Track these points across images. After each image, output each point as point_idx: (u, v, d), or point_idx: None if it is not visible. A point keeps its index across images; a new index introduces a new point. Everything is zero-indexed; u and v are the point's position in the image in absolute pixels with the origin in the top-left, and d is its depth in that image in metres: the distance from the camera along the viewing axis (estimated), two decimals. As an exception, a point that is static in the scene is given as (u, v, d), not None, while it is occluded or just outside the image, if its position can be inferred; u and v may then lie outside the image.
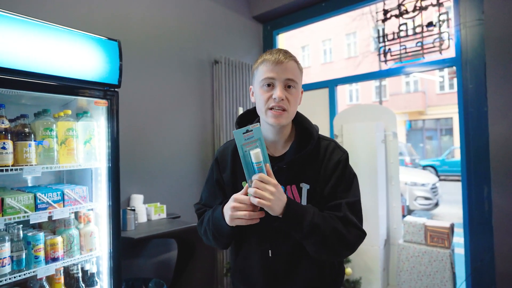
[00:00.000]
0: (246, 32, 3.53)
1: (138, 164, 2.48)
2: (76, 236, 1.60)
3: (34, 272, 1.41)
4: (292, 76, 0.97)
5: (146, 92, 2.57)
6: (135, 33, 2.51)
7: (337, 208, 0.96)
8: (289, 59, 0.98)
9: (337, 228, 0.91)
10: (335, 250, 0.92)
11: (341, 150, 1.03)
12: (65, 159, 1.57)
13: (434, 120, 16.01)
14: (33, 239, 1.43)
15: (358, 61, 15.08)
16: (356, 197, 0.99)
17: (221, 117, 3.04)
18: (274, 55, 0.98)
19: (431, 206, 6.48)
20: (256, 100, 1.03)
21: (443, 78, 14.86)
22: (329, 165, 1.00)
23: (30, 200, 1.43)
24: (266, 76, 0.97)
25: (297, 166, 1.00)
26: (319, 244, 0.91)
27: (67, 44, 1.52)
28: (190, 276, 2.49)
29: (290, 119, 1.01)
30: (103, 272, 1.72)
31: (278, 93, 0.95)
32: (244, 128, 0.88)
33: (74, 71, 1.55)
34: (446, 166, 11.91)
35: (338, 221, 0.93)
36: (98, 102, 1.64)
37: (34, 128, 1.51)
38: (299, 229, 0.89)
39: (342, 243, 0.92)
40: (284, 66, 0.96)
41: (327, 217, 0.93)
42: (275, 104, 0.95)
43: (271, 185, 0.87)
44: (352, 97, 16.78)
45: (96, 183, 1.75)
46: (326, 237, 0.90)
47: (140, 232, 2.11)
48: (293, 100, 0.98)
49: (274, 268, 1.00)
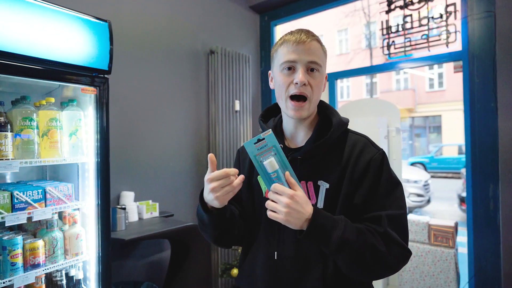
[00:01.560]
0: (243, 22, 3.37)
1: (128, 159, 2.31)
2: (60, 239, 1.43)
3: (10, 281, 1.23)
4: (315, 58, 0.85)
5: (137, 83, 2.39)
6: (127, 20, 2.32)
7: (376, 221, 0.81)
8: (312, 38, 0.86)
9: (375, 245, 0.77)
10: (371, 270, 0.79)
11: (375, 148, 0.89)
12: (48, 153, 1.39)
13: (423, 118, 16.21)
14: (9, 244, 1.26)
15: (349, 58, 15.08)
16: (401, 209, 0.84)
17: (216, 110, 2.88)
18: (295, 34, 0.86)
19: (423, 203, 6.50)
20: (275, 86, 0.91)
21: (433, 74, 15.01)
22: (359, 164, 0.85)
23: (6, 200, 1.25)
24: (286, 59, 0.85)
25: (315, 159, 0.87)
26: (351, 262, 0.78)
27: (52, 24, 1.34)
28: (184, 278, 2.35)
29: (312, 109, 0.89)
30: (91, 278, 1.56)
31: (301, 77, 0.82)
32: (254, 138, 0.78)
33: (59, 54, 1.37)
34: (435, 163, 12.06)
35: (377, 237, 0.79)
36: (85, 89, 1.46)
37: (11, 118, 1.33)
38: (326, 243, 0.76)
39: (381, 263, 0.78)
40: (306, 47, 0.84)
41: (364, 231, 0.79)
42: (297, 90, 0.83)
43: (285, 196, 0.74)
44: (343, 94, 16.80)
45: (83, 179, 1.58)
46: (360, 255, 0.77)
47: (131, 232, 1.95)
48: (316, 86, 0.86)
49: (280, 272, 0.88)
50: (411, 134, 16.41)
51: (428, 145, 15.70)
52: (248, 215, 0.97)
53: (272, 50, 0.93)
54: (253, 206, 0.95)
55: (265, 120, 1.01)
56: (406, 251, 0.82)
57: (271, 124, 0.99)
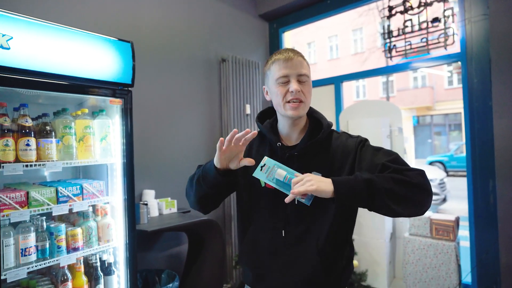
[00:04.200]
0: (252, 30, 3.59)
1: (149, 160, 2.57)
2: (94, 228, 1.69)
3: (57, 260, 1.50)
4: (303, 71, 1.05)
5: (156, 91, 2.65)
6: (145, 34, 2.59)
7: (381, 170, 0.95)
8: (298, 55, 1.07)
9: (395, 177, 0.90)
10: (408, 198, 0.89)
11: (353, 138, 1.09)
12: (83, 155, 1.66)
13: (443, 116, 15.85)
14: (55, 230, 1.53)
15: (364, 57, 14.99)
16: (393, 155, 0.99)
17: (228, 114, 3.11)
18: (284, 54, 1.06)
19: (438, 201, 6.48)
20: (272, 98, 1.10)
21: (451, 73, 14.68)
22: (344, 152, 1.04)
23: (52, 194, 1.52)
24: (280, 74, 1.04)
25: (309, 154, 1.06)
26: (388, 201, 0.88)
27: (83, 46, 1.61)
28: (200, 269, 2.58)
29: (307, 109, 1.09)
30: (120, 262, 1.81)
31: (295, 86, 1.02)
32: (258, 167, 0.97)
33: (90, 71, 1.63)
34: (454, 162, 11.81)
35: (390, 174, 0.92)
36: (113, 101, 1.72)
37: (55, 126, 1.60)
38: (358, 193, 0.88)
39: (409, 187, 0.89)
40: (294, 62, 1.04)
41: (377, 175, 0.91)
42: (293, 97, 1.03)
43: (305, 177, 0.91)
44: (359, 93, 16.69)
45: (112, 178, 1.84)
46: (389, 189, 0.87)
47: (153, 225, 2.20)
48: (307, 92, 1.06)
49: (285, 248, 1.04)
50: (430, 133, 16.08)
51: (448, 144, 15.34)
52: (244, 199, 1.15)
53: (264, 68, 1.13)
54: (251, 193, 1.14)
55: (261, 121, 1.20)
56: (420, 170, 0.94)
57: (267, 124, 1.18)
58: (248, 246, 1.12)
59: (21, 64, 1.39)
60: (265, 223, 1.08)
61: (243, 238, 1.14)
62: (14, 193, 1.41)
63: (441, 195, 6.47)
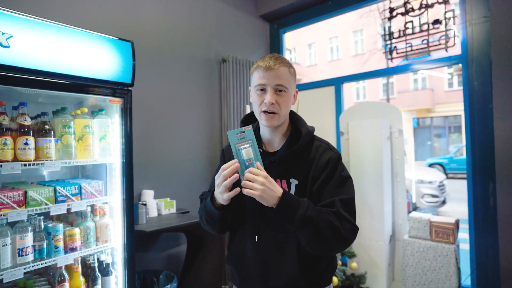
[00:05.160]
0: (253, 31, 3.59)
1: (149, 160, 2.56)
2: (92, 228, 1.68)
3: (54, 261, 1.49)
4: (281, 82, 1.04)
5: (156, 91, 2.65)
6: (146, 33, 2.59)
7: (331, 204, 1.00)
8: (280, 65, 1.04)
9: (331, 221, 0.95)
10: (328, 243, 0.96)
11: (332, 151, 1.09)
12: (82, 155, 1.65)
13: (443, 118, 15.86)
14: (53, 230, 1.52)
15: (365, 59, 15.00)
16: (349, 194, 1.03)
17: (228, 114, 3.10)
18: (265, 62, 1.05)
19: (438, 203, 6.47)
20: (252, 103, 1.12)
21: (451, 75, 14.69)
22: (319, 164, 1.05)
23: (51, 193, 1.51)
24: (258, 82, 1.05)
25: (287, 162, 1.07)
26: (312, 237, 0.94)
27: (83, 45, 1.60)
28: (199, 269, 2.57)
29: (282, 120, 1.09)
30: (118, 262, 1.80)
31: (269, 98, 1.02)
32: (237, 129, 0.97)
33: (90, 70, 1.62)
34: (454, 164, 11.80)
35: (332, 215, 0.97)
36: (112, 100, 1.71)
37: (54, 125, 1.59)
38: (291, 220, 0.93)
39: (336, 236, 0.95)
40: (274, 73, 1.03)
41: (322, 211, 0.96)
42: (267, 108, 1.03)
43: (261, 176, 0.93)
44: (359, 95, 16.71)
45: (111, 177, 1.83)
46: (319, 230, 0.93)
47: (152, 225, 2.19)
48: (283, 103, 1.05)
49: (262, 254, 1.07)
50: (430, 135, 16.09)
51: (448, 146, 15.34)
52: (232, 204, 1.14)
53: (250, 72, 1.14)
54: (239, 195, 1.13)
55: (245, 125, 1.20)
56: (354, 226, 1.00)
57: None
58: (234, 248, 1.15)
59: (20, 63, 1.39)
60: (249, 226, 1.10)
61: (232, 239, 1.17)
62: (12, 192, 1.40)
63: (440, 197, 6.46)
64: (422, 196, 6.42)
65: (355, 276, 2.73)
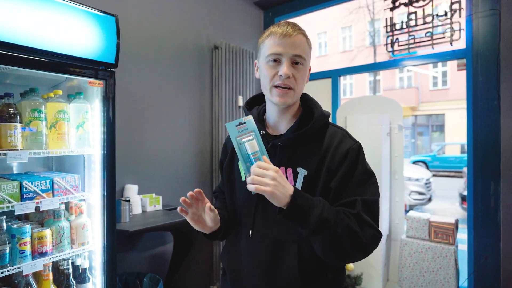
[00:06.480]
0: (247, 18, 3.38)
1: (132, 152, 2.34)
2: (66, 229, 1.46)
3: (19, 268, 1.27)
4: (300, 52, 0.87)
5: (142, 78, 2.41)
6: (133, 16, 2.34)
7: (351, 205, 0.84)
8: (298, 32, 0.88)
9: (350, 225, 0.80)
10: (346, 251, 0.80)
11: (352, 140, 0.92)
12: (55, 144, 1.42)
13: (426, 116, 16.15)
14: (18, 232, 1.29)
15: (353, 55, 15.02)
16: (374, 196, 0.87)
17: (220, 105, 2.90)
18: (282, 27, 0.88)
19: (424, 201, 6.52)
20: (260, 77, 0.94)
21: (437, 72, 14.93)
22: (337, 154, 0.88)
23: (15, 189, 1.28)
24: (272, 51, 0.87)
25: (295, 146, 0.91)
26: (328, 243, 0.79)
27: (59, 17, 1.36)
28: (187, 271, 2.39)
29: (296, 98, 0.92)
30: (96, 267, 1.59)
31: (285, 70, 0.86)
32: (236, 121, 0.84)
33: (67, 46, 1.39)
34: (437, 162, 12.04)
35: (351, 218, 0.81)
36: (92, 82, 1.48)
37: (20, 109, 1.35)
38: (305, 222, 0.78)
39: (355, 243, 0.80)
40: (292, 40, 0.87)
41: (340, 212, 0.81)
42: (281, 82, 0.87)
43: (272, 170, 0.77)
44: (346, 91, 16.75)
45: (89, 171, 1.61)
46: (336, 235, 0.78)
47: (135, 224, 1.98)
48: (300, 78, 0.89)
49: (256, 251, 0.92)
50: (413, 133, 16.37)
51: (430, 144, 15.66)
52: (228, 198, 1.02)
53: (259, 41, 0.95)
54: (233, 189, 1.00)
55: (249, 108, 1.04)
56: (377, 233, 0.84)
57: (254, 112, 1.02)
58: (228, 243, 1.03)
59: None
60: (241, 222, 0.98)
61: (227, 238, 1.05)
62: (-34, 188, 1.16)
63: (427, 194, 6.50)
64: (409, 193, 6.45)
65: (351, 277, 2.62)
